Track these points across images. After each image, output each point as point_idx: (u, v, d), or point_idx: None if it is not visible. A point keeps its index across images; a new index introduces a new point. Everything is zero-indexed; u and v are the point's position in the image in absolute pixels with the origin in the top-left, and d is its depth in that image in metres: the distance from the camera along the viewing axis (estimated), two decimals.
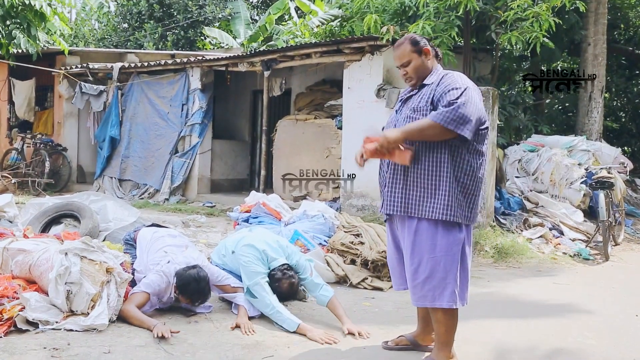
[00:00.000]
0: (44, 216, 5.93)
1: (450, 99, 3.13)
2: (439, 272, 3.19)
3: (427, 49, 3.36)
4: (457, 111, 3.09)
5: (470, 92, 3.18)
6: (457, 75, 3.31)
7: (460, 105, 3.09)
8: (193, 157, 11.14)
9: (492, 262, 6.69)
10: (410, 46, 3.35)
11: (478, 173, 3.27)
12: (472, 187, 3.25)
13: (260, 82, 11.09)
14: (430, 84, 3.31)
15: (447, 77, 3.29)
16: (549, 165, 8.54)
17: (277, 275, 4.12)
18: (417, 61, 3.35)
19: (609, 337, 4.10)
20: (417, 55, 3.34)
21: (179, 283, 3.94)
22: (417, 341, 3.66)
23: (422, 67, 3.36)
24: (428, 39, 3.48)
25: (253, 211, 6.68)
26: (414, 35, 3.44)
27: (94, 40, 22.77)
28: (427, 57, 3.36)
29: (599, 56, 9.97)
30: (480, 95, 3.28)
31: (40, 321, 3.58)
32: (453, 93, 3.16)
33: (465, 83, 3.23)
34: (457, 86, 3.18)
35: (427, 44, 3.40)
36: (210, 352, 3.44)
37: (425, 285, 3.21)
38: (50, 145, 12.37)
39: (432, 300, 3.21)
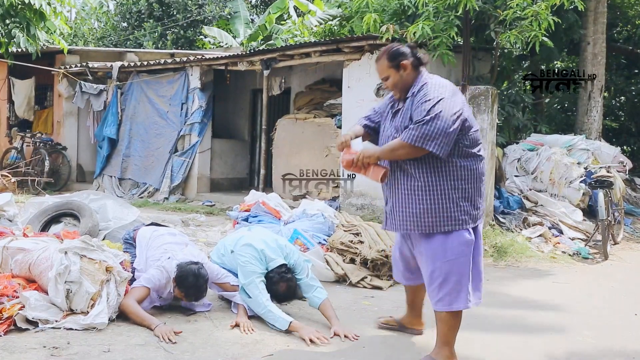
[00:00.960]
0: (43, 215, 5.93)
1: (418, 118, 3.14)
2: (454, 275, 3.24)
3: (405, 63, 3.30)
4: (422, 128, 3.09)
5: (444, 103, 3.12)
6: (434, 84, 3.25)
7: (426, 122, 3.09)
8: (192, 156, 11.15)
9: (491, 261, 6.69)
10: (387, 62, 3.34)
11: (476, 175, 3.29)
12: (473, 190, 3.28)
13: (260, 81, 11.09)
14: (412, 96, 3.29)
15: (422, 89, 3.24)
16: (548, 164, 8.54)
17: (274, 277, 4.12)
18: (395, 77, 3.35)
19: (608, 336, 4.11)
20: (395, 70, 3.33)
21: (178, 274, 3.94)
22: (403, 324, 3.93)
23: (401, 82, 3.34)
24: (412, 46, 3.41)
25: (252, 210, 6.68)
26: (392, 48, 3.38)
27: (93, 40, 22.77)
28: (405, 71, 3.32)
29: (598, 55, 9.97)
30: (460, 101, 3.22)
31: (40, 320, 3.58)
32: (423, 109, 3.15)
33: (440, 94, 3.16)
34: (429, 98, 3.15)
35: (407, 55, 3.32)
36: (209, 351, 3.45)
37: (442, 290, 3.26)
38: (49, 144, 12.37)
39: (449, 304, 3.26)
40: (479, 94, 7.60)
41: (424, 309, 3.91)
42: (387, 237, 5.53)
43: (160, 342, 3.50)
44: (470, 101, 7.62)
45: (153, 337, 3.56)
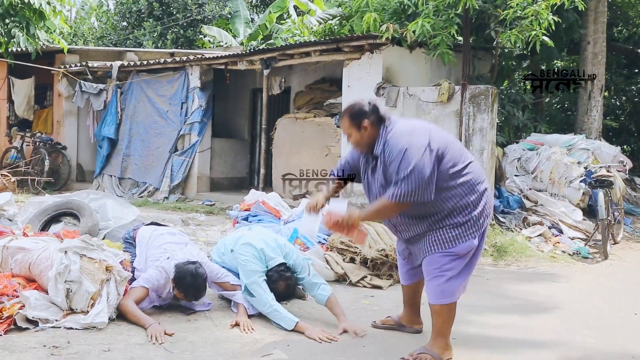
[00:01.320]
0: (43, 215, 5.93)
1: (394, 178, 3.19)
2: (452, 270, 3.33)
3: (365, 124, 3.33)
4: (402, 188, 3.15)
5: (409, 153, 3.15)
6: (394, 136, 3.26)
7: (403, 180, 3.13)
8: (192, 156, 11.14)
9: (491, 260, 6.69)
10: (349, 120, 3.38)
11: (469, 189, 3.31)
12: (471, 203, 3.32)
13: (260, 81, 11.08)
14: (380, 155, 3.32)
15: (386, 147, 3.27)
16: (548, 163, 8.54)
17: (273, 276, 4.12)
18: (357, 135, 3.39)
19: (607, 335, 4.11)
20: (356, 129, 3.37)
21: (176, 275, 3.94)
22: (402, 322, 3.97)
23: (363, 140, 3.39)
24: (373, 103, 3.39)
25: (252, 209, 6.68)
26: (354, 107, 3.39)
27: (93, 39, 22.76)
28: (366, 131, 3.36)
29: (599, 55, 9.97)
30: (421, 133, 3.23)
31: (40, 319, 3.58)
32: (393, 169, 3.19)
33: (401, 145, 3.18)
34: (394, 157, 3.19)
35: (367, 115, 3.33)
36: (209, 350, 3.45)
37: (439, 283, 3.34)
38: (49, 143, 12.36)
39: (445, 297, 3.34)
40: (479, 94, 7.60)
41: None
42: (387, 236, 5.53)
43: (149, 341, 3.50)
44: (470, 100, 7.63)
45: (148, 340, 3.54)
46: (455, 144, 3.37)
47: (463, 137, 7.63)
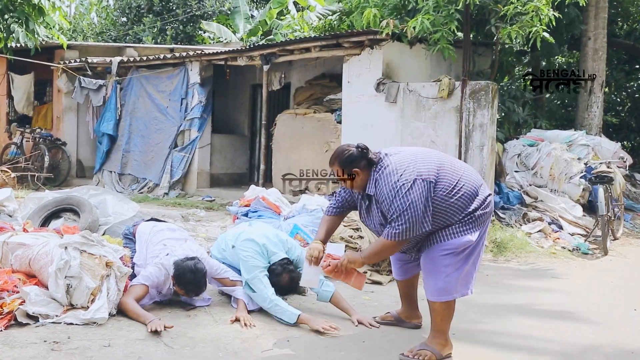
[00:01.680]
0: (43, 210, 5.93)
1: (390, 217, 3.23)
2: (450, 267, 3.32)
3: (357, 170, 3.36)
4: (399, 227, 3.19)
5: (403, 190, 3.18)
6: (385, 176, 3.27)
7: (399, 218, 3.17)
8: (192, 152, 11.14)
9: (491, 256, 6.69)
10: (339, 167, 3.42)
11: (467, 200, 3.31)
12: (470, 209, 3.31)
13: (260, 77, 11.06)
14: (373, 195, 3.35)
15: (378, 185, 3.30)
16: (548, 159, 8.54)
17: (277, 269, 4.12)
18: (349, 181, 3.43)
19: (607, 331, 4.11)
20: (347, 176, 3.41)
21: (175, 273, 3.94)
22: (401, 317, 3.99)
23: (356, 184, 3.43)
24: (362, 147, 3.39)
25: (252, 205, 6.68)
26: (343, 154, 3.40)
27: (92, 35, 22.73)
28: (358, 176, 3.39)
29: (599, 50, 9.95)
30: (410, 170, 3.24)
31: (41, 315, 3.58)
32: (385, 206, 3.24)
33: (393, 184, 3.21)
34: (386, 195, 3.22)
35: (358, 162, 3.35)
36: (209, 346, 3.45)
37: (437, 281, 3.33)
38: (49, 139, 12.35)
39: (442, 295, 3.33)
40: (479, 89, 7.59)
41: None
42: None
43: (149, 332, 3.51)
44: (470, 96, 7.62)
45: (147, 333, 3.55)
46: (446, 163, 3.37)
47: (463, 133, 7.62)
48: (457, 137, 7.68)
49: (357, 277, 3.56)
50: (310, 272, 3.66)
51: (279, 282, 4.08)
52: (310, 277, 3.69)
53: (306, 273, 3.68)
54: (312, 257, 3.59)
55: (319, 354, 3.43)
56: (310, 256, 3.60)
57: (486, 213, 3.38)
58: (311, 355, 3.39)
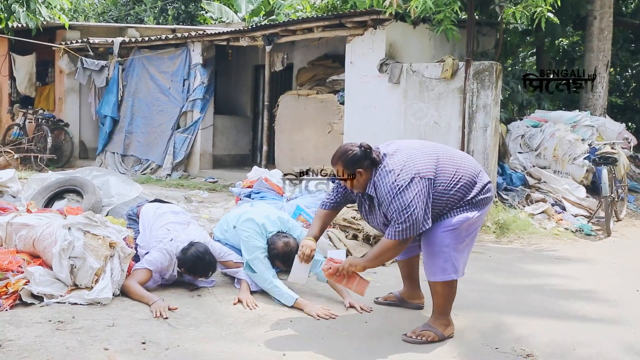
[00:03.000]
0: (46, 191, 5.94)
1: (392, 218, 3.21)
2: (450, 246, 3.32)
3: (361, 170, 3.31)
4: (401, 225, 3.18)
5: (398, 191, 3.16)
6: (383, 174, 3.25)
7: (401, 217, 3.16)
8: (195, 133, 11.13)
9: (494, 237, 6.70)
10: (343, 168, 3.36)
11: (467, 189, 3.32)
12: (466, 196, 3.33)
13: (262, 57, 11.00)
14: (374, 197, 3.33)
15: (377, 187, 3.28)
16: (552, 140, 8.51)
17: (271, 239, 4.07)
18: (351, 181, 3.38)
19: (610, 312, 4.13)
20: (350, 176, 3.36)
21: (185, 266, 3.97)
22: (404, 298, 4.01)
23: (358, 184, 3.38)
24: (365, 146, 3.33)
25: (255, 186, 6.68)
26: (347, 154, 3.33)
27: (94, 15, 22.58)
28: (362, 176, 3.34)
29: (605, 30, 9.85)
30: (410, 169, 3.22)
31: (45, 295, 3.61)
32: (385, 207, 3.23)
33: (394, 184, 3.19)
34: (385, 196, 3.21)
35: (362, 162, 3.30)
36: (213, 326, 3.48)
37: (438, 261, 3.33)
38: (52, 120, 12.34)
39: (444, 275, 3.33)
40: (483, 70, 7.54)
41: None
42: None
43: (153, 317, 3.52)
44: (474, 77, 7.57)
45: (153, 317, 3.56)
46: (443, 156, 3.35)
47: (466, 114, 7.58)
48: (460, 118, 7.64)
49: (360, 282, 3.52)
50: (299, 268, 3.64)
51: (275, 249, 4.01)
52: (300, 274, 3.66)
53: (295, 269, 3.65)
54: (304, 255, 3.58)
55: (322, 334, 3.45)
56: (302, 253, 3.58)
57: (486, 198, 3.39)
58: (314, 336, 3.42)
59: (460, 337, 3.49)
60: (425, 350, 3.28)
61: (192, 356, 3.04)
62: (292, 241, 4.05)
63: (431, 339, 3.36)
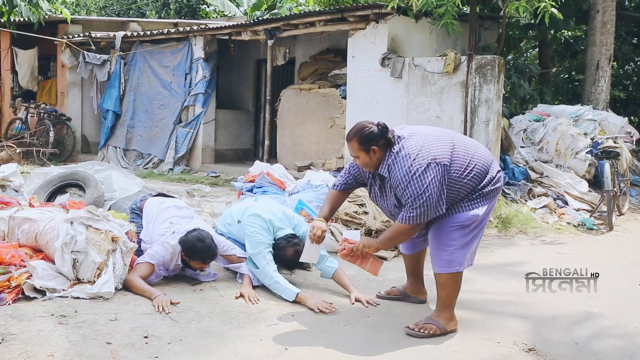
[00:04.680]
0: (49, 185, 5.94)
1: (407, 201, 3.23)
2: (458, 240, 3.37)
3: (375, 148, 3.31)
4: (416, 210, 3.20)
5: (414, 176, 3.17)
6: (403, 158, 3.24)
7: (417, 201, 3.18)
8: (197, 127, 11.13)
9: (496, 232, 6.70)
10: (358, 145, 3.35)
11: (479, 178, 3.35)
12: (480, 186, 3.36)
13: (264, 52, 10.98)
14: (386, 177, 3.35)
15: (391, 170, 3.28)
16: (554, 135, 8.49)
17: (281, 243, 4.11)
18: (366, 158, 3.37)
19: (612, 306, 4.13)
20: (365, 153, 3.35)
21: (185, 249, 3.96)
22: (407, 292, 4.02)
23: (371, 163, 3.38)
24: (382, 125, 3.34)
25: (257, 181, 6.68)
26: (364, 131, 3.33)
27: (96, 9, 22.53)
28: (375, 155, 3.34)
29: (608, 24, 9.80)
30: (426, 153, 3.23)
31: (48, 289, 3.61)
32: (400, 191, 3.25)
33: (410, 168, 3.19)
34: (401, 180, 3.22)
35: (376, 140, 3.29)
36: (215, 320, 3.48)
37: (445, 253, 3.38)
38: (54, 115, 12.34)
39: (450, 266, 3.37)
40: (486, 64, 7.52)
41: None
42: None
43: (155, 311, 3.53)
44: (476, 71, 7.55)
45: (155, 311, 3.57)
46: (458, 143, 3.37)
47: (469, 108, 7.57)
48: (462, 113, 7.63)
49: (373, 262, 3.58)
50: (311, 249, 3.69)
51: (284, 255, 4.07)
52: (311, 254, 3.73)
53: (307, 250, 3.71)
54: (315, 236, 3.62)
55: (324, 328, 3.46)
56: (313, 235, 3.62)
57: (496, 189, 3.42)
58: (316, 330, 3.42)
59: (462, 331, 3.50)
60: (427, 344, 3.28)
61: (195, 350, 3.05)
62: (301, 250, 4.07)
63: (433, 332, 3.37)
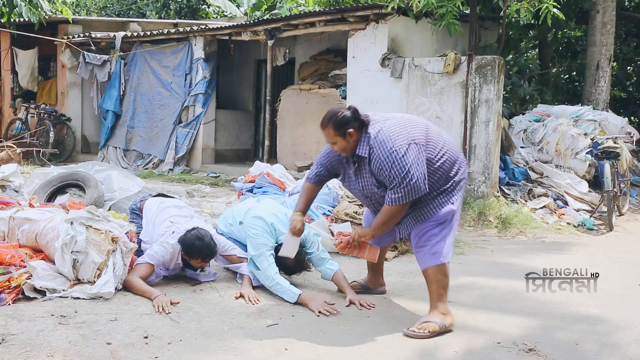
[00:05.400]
0: (49, 186, 5.95)
1: (391, 183, 3.32)
2: (439, 235, 3.51)
3: (351, 131, 3.38)
4: (402, 190, 3.31)
5: (398, 156, 3.28)
6: (380, 139, 3.35)
7: (402, 182, 3.29)
8: (197, 128, 11.13)
9: (496, 232, 6.70)
10: (334, 130, 3.43)
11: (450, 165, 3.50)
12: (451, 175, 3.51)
13: (264, 52, 10.99)
14: (365, 157, 3.41)
15: (373, 151, 3.36)
16: (554, 135, 8.48)
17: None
18: (342, 143, 3.45)
19: (612, 306, 4.12)
20: (342, 137, 3.43)
21: (184, 248, 3.96)
22: (368, 285, 4.17)
23: (349, 146, 3.45)
24: (353, 108, 3.44)
25: (257, 181, 6.68)
26: (336, 116, 3.42)
27: (96, 9, 22.55)
28: (352, 137, 3.41)
29: (608, 24, 9.80)
30: (404, 134, 3.34)
31: (48, 289, 3.62)
32: (385, 173, 3.33)
33: (389, 149, 3.29)
34: (384, 161, 3.31)
35: (351, 123, 3.38)
36: (215, 320, 3.48)
37: (431, 248, 3.50)
38: (54, 115, 12.35)
39: (438, 259, 3.49)
40: (486, 64, 7.52)
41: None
42: None
43: (156, 311, 3.53)
44: (476, 71, 7.55)
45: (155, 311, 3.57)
46: (432, 129, 3.52)
47: (469, 109, 7.57)
48: (462, 113, 7.63)
49: (370, 250, 3.70)
50: (290, 243, 3.79)
51: (286, 262, 4.07)
52: (290, 248, 3.82)
53: (287, 243, 3.81)
54: (295, 228, 3.72)
55: (324, 328, 3.46)
56: (293, 227, 3.73)
57: (464, 178, 3.63)
58: (316, 330, 3.42)
59: (462, 331, 3.50)
60: (427, 344, 3.28)
61: (194, 351, 3.05)
62: (302, 257, 4.14)
63: (432, 330, 3.39)
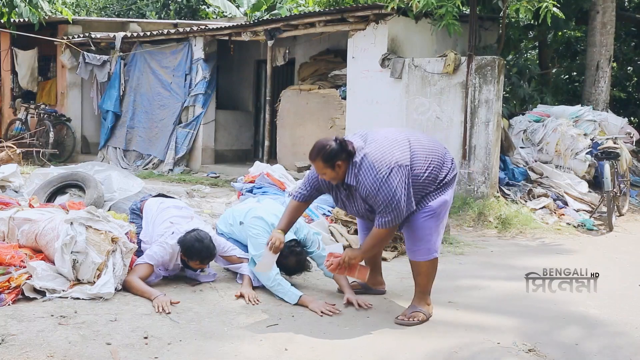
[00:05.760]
0: (49, 186, 5.95)
1: (379, 208, 3.39)
2: (431, 228, 3.57)
3: (340, 163, 3.42)
4: (390, 214, 3.38)
5: (382, 183, 3.32)
6: (365, 168, 3.38)
7: (388, 207, 3.35)
8: (197, 128, 11.13)
9: (495, 232, 6.70)
10: (323, 163, 3.47)
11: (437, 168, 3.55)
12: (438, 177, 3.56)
13: (264, 52, 10.99)
14: (354, 186, 3.47)
15: (359, 180, 3.41)
16: (554, 135, 8.48)
17: (284, 251, 4.07)
18: (332, 174, 3.51)
19: (612, 307, 4.12)
20: (331, 169, 3.47)
21: (183, 249, 3.96)
22: (367, 285, 4.14)
23: (338, 176, 3.50)
24: (340, 139, 3.46)
25: (257, 181, 6.68)
26: (325, 149, 3.44)
27: (95, 10, 22.55)
28: (341, 169, 3.46)
29: (608, 24, 9.79)
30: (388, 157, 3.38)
31: (47, 289, 3.61)
32: (372, 200, 3.40)
33: (374, 177, 3.34)
34: (370, 189, 3.36)
35: (340, 155, 3.41)
36: (215, 320, 3.48)
37: (422, 242, 3.58)
38: (54, 115, 12.35)
39: (429, 254, 3.60)
40: (486, 64, 7.52)
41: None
42: None
43: (155, 311, 3.53)
44: (476, 72, 7.55)
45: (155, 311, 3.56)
46: (414, 142, 3.53)
47: (469, 109, 7.57)
48: (462, 113, 7.63)
49: (361, 270, 3.73)
50: (268, 257, 3.76)
51: (286, 263, 4.06)
52: (267, 262, 3.79)
53: (264, 258, 3.78)
54: (274, 245, 3.70)
55: (324, 329, 3.46)
56: (272, 244, 3.70)
57: (455, 175, 3.67)
58: (316, 330, 3.42)
59: (462, 331, 3.50)
60: (427, 345, 3.29)
61: (194, 351, 3.05)
62: (303, 258, 4.14)
63: (421, 319, 3.59)
